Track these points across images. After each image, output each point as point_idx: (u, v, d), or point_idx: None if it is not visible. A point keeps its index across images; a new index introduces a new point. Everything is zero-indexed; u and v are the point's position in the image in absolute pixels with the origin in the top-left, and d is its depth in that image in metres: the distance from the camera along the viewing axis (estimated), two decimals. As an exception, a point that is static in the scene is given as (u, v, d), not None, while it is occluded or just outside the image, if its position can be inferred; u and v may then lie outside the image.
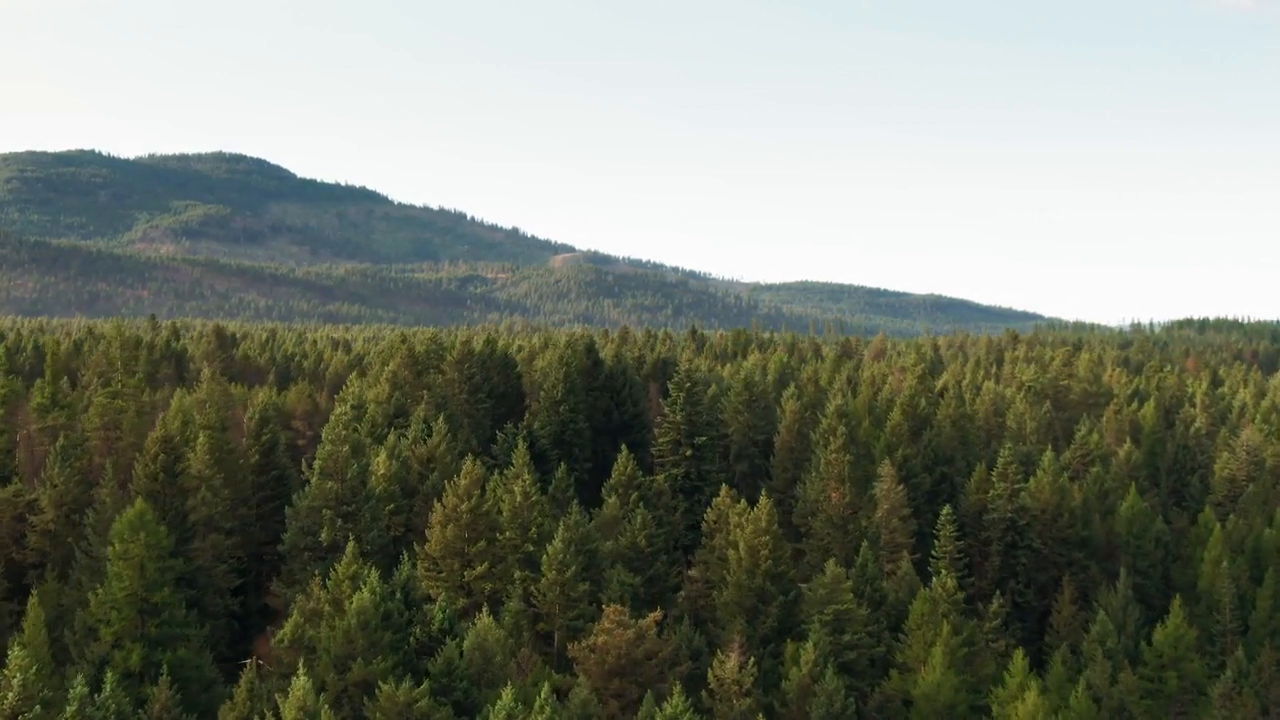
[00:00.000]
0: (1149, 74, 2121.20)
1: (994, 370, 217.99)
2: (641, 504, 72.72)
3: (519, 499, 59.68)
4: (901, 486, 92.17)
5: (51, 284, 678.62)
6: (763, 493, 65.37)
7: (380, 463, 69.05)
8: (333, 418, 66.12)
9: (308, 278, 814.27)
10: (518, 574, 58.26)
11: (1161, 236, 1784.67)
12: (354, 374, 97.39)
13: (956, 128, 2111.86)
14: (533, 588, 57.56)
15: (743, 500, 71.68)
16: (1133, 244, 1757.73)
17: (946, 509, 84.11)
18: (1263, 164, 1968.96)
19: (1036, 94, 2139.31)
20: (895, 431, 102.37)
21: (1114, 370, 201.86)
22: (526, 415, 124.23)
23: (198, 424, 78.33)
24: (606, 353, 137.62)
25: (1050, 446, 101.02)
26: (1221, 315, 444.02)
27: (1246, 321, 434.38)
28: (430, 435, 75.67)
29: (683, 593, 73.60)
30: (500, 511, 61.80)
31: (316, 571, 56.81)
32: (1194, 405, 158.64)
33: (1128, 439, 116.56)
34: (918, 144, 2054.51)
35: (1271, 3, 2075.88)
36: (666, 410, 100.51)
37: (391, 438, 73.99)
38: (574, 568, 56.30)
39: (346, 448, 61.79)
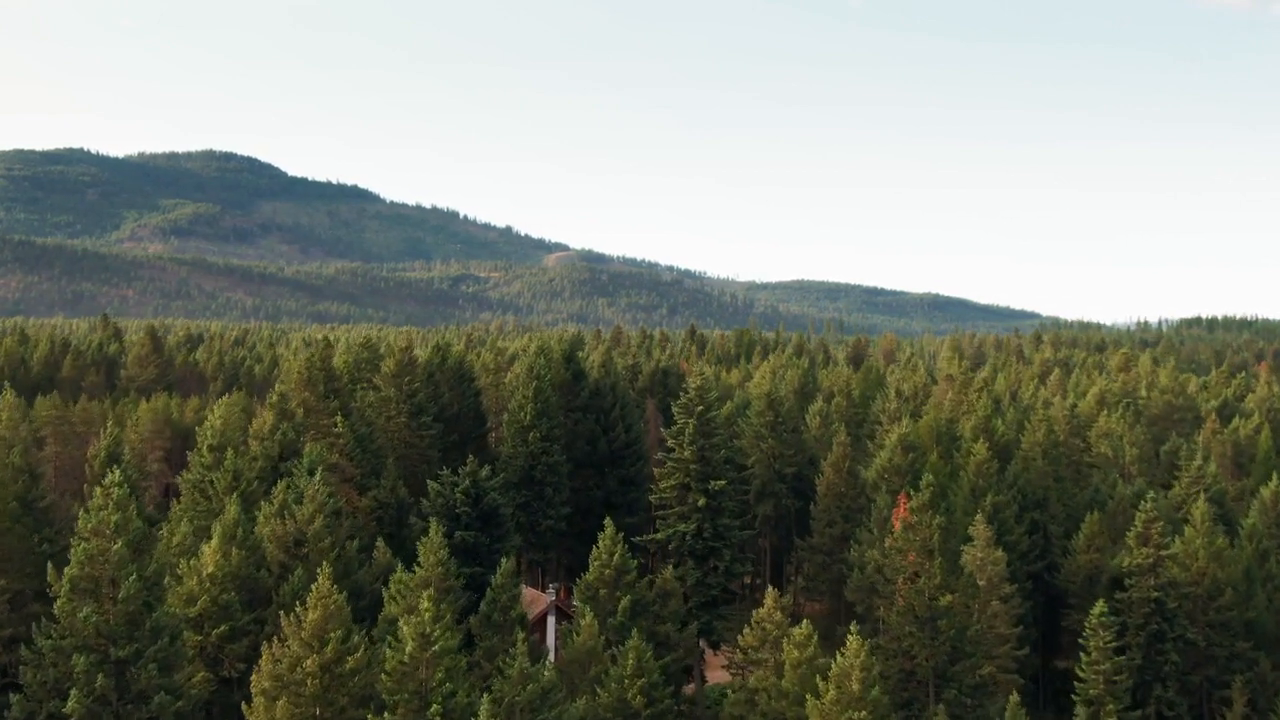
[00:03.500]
0: (1142, 74, 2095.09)
1: (1015, 370, 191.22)
2: (636, 620, 46.00)
3: (411, 647, 33.10)
4: (1000, 551, 65.69)
5: (35, 283, 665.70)
6: (850, 632, 38.91)
7: (208, 557, 42.21)
8: (100, 491, 38.45)
9: (297, 277, 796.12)
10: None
11: (1156, 236, 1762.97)
12: (224, 398, 70.32)
13: (952, 127, 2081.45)
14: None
15: (804, 623, 44.24)
16: (1128, 243, 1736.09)
17: (1100, 606, 57.10)
18: (1258, 164, 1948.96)
19: (1031, 94, 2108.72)
20: (980, 470, 75.65)
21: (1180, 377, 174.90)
22: (490, 442, 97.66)
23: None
24: (593, 359, 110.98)
25: (1203, 496, 74.33)
26: (1228, 314, 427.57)
27: (1257, 320, 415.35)
28: (310, 498, 48.78)
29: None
30: (391, 656, 34.90)
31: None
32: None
33: (1276, 476, 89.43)
34: (914, 143, 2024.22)
35: (1270, 1, 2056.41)
36: (670, 442, 74.00)
37: (233, 508, 46.79)
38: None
39: (119, 544, 35.08)
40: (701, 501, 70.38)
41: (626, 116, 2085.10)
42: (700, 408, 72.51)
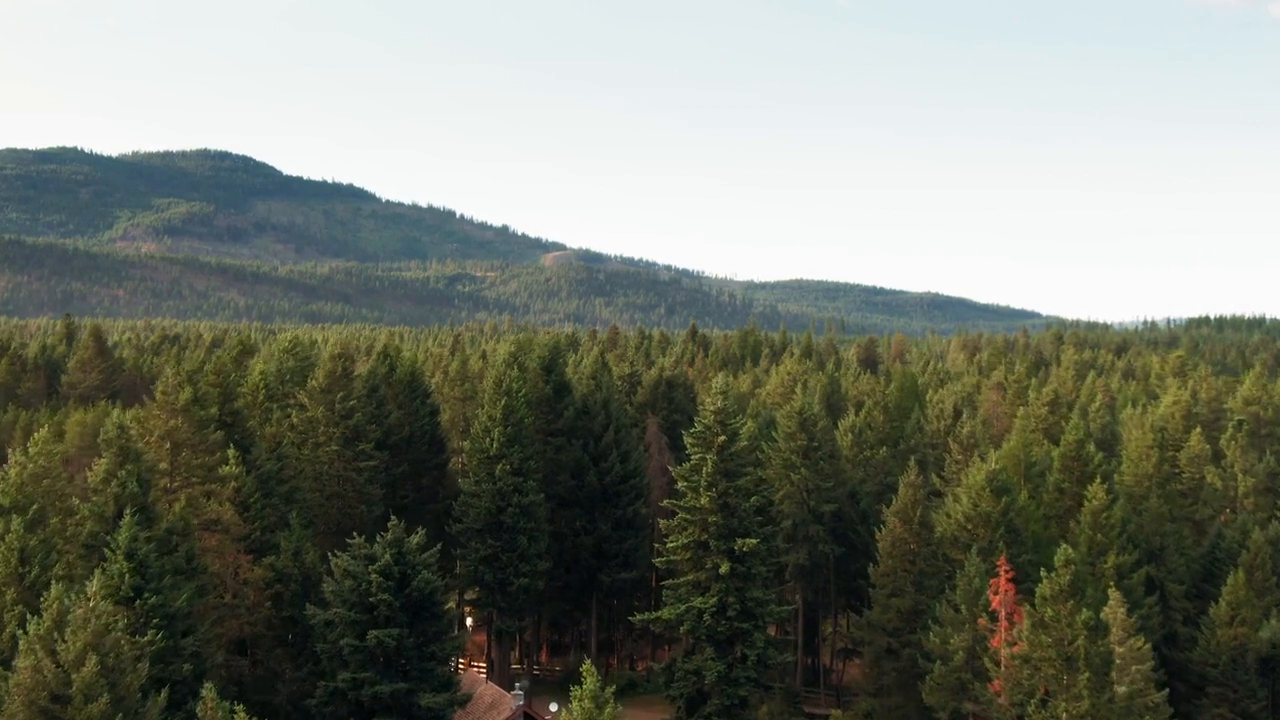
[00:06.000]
0: (1140, 73, 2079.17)
1: (1070, 377, 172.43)
2: None
3: None
4: (1144, 642, 46.88)
5: (25, 283, 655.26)
6: None
7: None
8: None
9: (290, 276, 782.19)
10: None
11: (1154, 235, 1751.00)
12: (54, 417, 50.63)
13: (950, 127, 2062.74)
14: None
15: None
16: (1127, 242, 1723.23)
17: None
18: (1257, 163, 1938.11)
19: (1028, 93, 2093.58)
20: (1098, 520, 56.66)
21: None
22: (453, 473, 78.88)
23: None
24: (583, 367, 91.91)
25: None
26: (1235, 314, 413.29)
27: (1266, 320, 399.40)
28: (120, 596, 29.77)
29: None
30: None
31: None
32: None
33: None
34: (912, 143, 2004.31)
35: (1267, 0, 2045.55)
36: (681, 484, 55.13)
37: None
38: None
39: None
40: (725, 567, 51.59)
41: (623, 116, 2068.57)
42: (721, 438, 53.65)
